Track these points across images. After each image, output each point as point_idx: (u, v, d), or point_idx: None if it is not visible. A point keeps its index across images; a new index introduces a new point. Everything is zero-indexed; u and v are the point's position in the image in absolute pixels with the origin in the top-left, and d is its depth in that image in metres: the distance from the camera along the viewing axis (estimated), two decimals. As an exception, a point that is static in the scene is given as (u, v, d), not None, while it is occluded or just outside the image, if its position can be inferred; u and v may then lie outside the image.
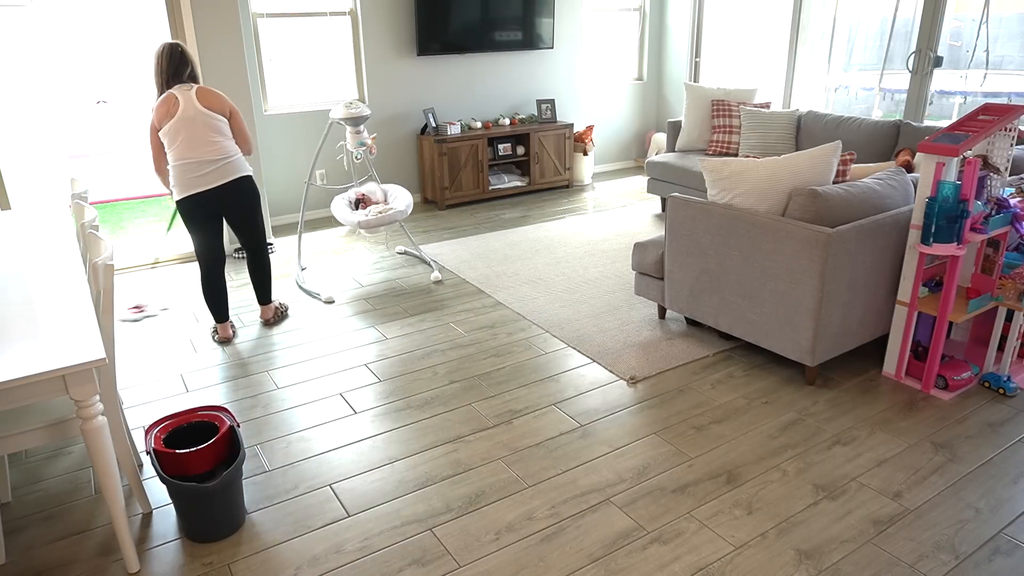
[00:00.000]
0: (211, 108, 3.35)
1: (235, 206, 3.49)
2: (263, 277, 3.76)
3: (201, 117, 3.31)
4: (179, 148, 3.31)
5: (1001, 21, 4.78)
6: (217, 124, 3.37)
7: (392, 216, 4.16)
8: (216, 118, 3.36)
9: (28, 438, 2.07)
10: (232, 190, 3.43)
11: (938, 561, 2.08)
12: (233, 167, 3.41)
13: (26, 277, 2.42)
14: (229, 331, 3.66)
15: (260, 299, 3.80)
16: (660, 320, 3.75)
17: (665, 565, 2.09)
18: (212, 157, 3.34)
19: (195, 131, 3.31)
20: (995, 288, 2.94)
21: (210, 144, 3.34)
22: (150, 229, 6.06)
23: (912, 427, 2.76)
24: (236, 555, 2.18)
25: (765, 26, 6.27)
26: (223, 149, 3.38)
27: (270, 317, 3.83)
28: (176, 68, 3.33)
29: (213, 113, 3.35)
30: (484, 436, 2.77)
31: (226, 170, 3.38)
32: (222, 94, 3.42)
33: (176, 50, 3.33)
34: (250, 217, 3.57)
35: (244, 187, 3.48)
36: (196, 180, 3.34)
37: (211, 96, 3.36)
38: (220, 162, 3.36)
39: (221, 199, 3.42)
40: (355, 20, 5.70)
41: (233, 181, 3.42)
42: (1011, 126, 2.81)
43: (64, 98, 10.60)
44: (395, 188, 4.57)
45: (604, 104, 7.23)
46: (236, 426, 2.35)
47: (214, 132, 3.35)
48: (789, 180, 3.00)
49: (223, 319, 3.65)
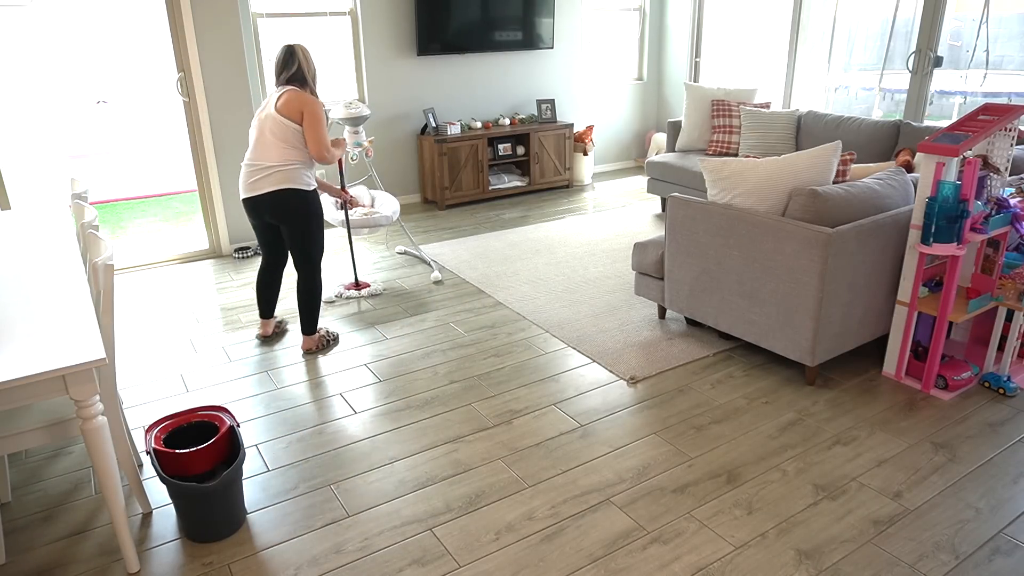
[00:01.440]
0: (284, 113, 3.13)
1: (278, 219, 3.27)
2: (305, 303, 3.41)
3: (269, 121, 3.16)
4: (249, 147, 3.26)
5: (1001, 21, 4.78)
6: (283, 130, 3.15)
7: (376, 219, 4.18)
8: (284, 123, 3.14)
9: (28, 438, 2.07)
10: (267, 203, 3.22)
11: (938, 561, 2.08)
12: (275, 179, 3.17)
13: (26, 277, 2.42)
14: (268, 329, 3.63)
15: (302, 327, 3.47)
16: (660, 320, 3.75)
17: (665, 565, 2.09)
18: (263, 164, 3.19)
19: (261, 134, 3.19)
20: (995, 288, 2.94)
21: (267, 149, 3.18)
22: (150, 229, 6.06)
23: (912, 427, 2.76)
24: (236, 555, 2.18)
25: (765, 26, 6.27)
26: (277, 157, 3.17)
27: (311, 347, 3.49)
28: (278, 70, 3.23)
29: (283, 118, 3.13)
30: (484, 436, 2.77)
31: (268, 181, 3.18)
32: (305, 97, 3.15)
33: (283, 53, 3.21)
34: (293, 234, 3.29)
35: (280, 201, 3.21)
36: (245, 185, 3.26)
37: (291, 101, 3.14)
38: (268, 170, 3.18)
39: (265, 210, 3.26)
40: (355, 20, 5.70)
41: (270, 193, 3.19)
42: (1011, 126, 2.81)
43: (64, 98, 10.60)
44: (383, 195, 4.58)
45: (604, 104, 7.23)
46: (236, 426, 2.35)
47: (277, 138, 3.16)
48: (789, 180, 3.00)
49: (265, 316, 3.62)
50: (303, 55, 3.23)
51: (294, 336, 3.69)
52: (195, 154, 4.80)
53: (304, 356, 3.47)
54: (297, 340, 3.64)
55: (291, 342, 3.61)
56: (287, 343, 3.61)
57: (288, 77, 3.21)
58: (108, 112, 10.96)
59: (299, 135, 3.17)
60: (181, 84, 4.64)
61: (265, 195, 3.21)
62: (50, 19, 10.01)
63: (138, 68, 10.89)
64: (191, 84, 4.62)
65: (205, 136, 4.75)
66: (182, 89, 4.65)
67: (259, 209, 3.28)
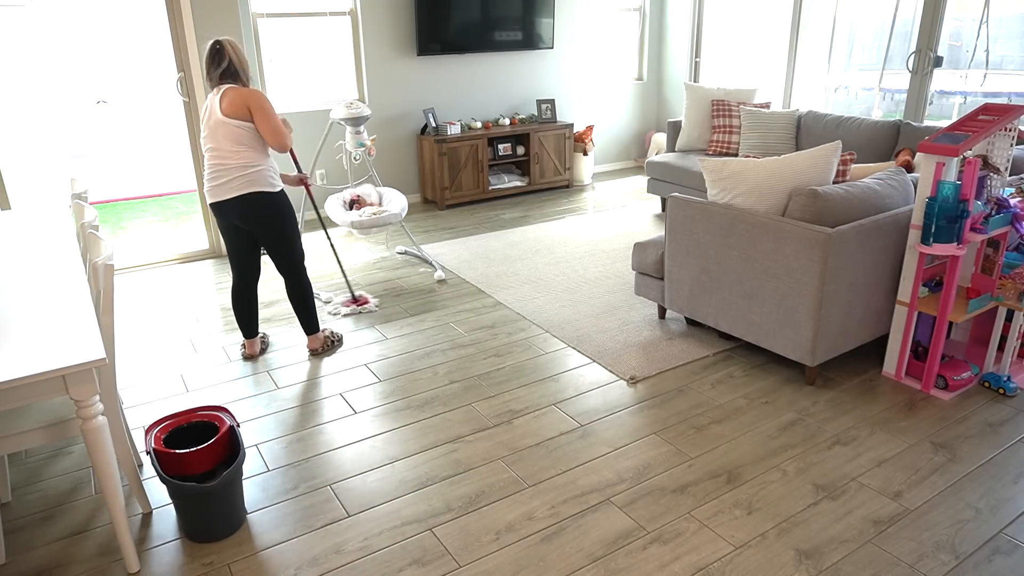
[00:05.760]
0: (231, 114, 3.00)
1: (249, 225, 3.17)
2: (300, 304, 3.39)
3: (221, 128, 3.03)
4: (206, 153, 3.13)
5: (1001, 21, 4.77)
6: (235, 133, 3.03)
7: (386, 218, 4.17)
8: (235, 125, 3.01)
9: (28, 438, 2.07)
10: (235, 207, 3.11)
11: (938, 561, 2.08)
12: (239, 183, 3.06)
13: (26, 277, 2.42)
14: (255, 348, 3.47)
15: (303, 328, 3.45)
16: (660, 320, 3.75)
17: (665, 565, 2.09)
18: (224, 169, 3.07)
19: (216, 143, 3.06)
20: (995, 288, 2.94)
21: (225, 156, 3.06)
22: (150, 229, 6.06)
23: (912, 427, 2.76)
24: (236, 555, 2.18)
25: (765, 26, 6.27)
26: (237, 161, 3.06)
27: (317, 348, 3.48)
28: (208, 68, 3.06)
29: (232, 120, 3.01)
30: (484, 436, 2.77)
31: (232, 185, 3.07)
32: (246, 91, 3.01)
33: (211, 49, 3.05)
34: (268, 238, 3.21)
35: (248, 206, 3.10)
36: (210, 191, 3.13)
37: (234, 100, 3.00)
38: (231, 175, 3.07)
39: (234, 215, 3.14)
40: (355, 20, 5.70)
41: (236, 199, 3.08)
42: (1011, 126, 2.81)
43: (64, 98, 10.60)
44: (390, 192, 4.57)
45: (604, 104, 7.23)
46: (236, 426, 2.35)
47: (232, 142, 3.04)
48: (789, 180, 3.00)
49: (249, 335, 3.45)
50: (232, 48, 3.05)
51: (294, 336, 3.68)
52: (195, 154, 4.79)
53: (310, 357, 3.46)
54: (297, 340, 3.63)
55: (291, 342, 3.61)
56: (287, 343, 3.60)
57: (220, 73, 3.04)
58: (108, 112, 10.96)
59: (253, 133, 3.05)
60: (181, 84, 4.64)
61: (232, 200, 3.09)
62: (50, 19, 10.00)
63: (138, 68, 10.88)
64: (191, 84, 4.62)
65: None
66: (182, 89, 4.65)
67: (227, 214, 3.14)
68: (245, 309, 3.40)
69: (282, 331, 3.75)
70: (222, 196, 3.10)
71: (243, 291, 3.38)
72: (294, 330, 3.76)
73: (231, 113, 3.00)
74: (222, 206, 3.13)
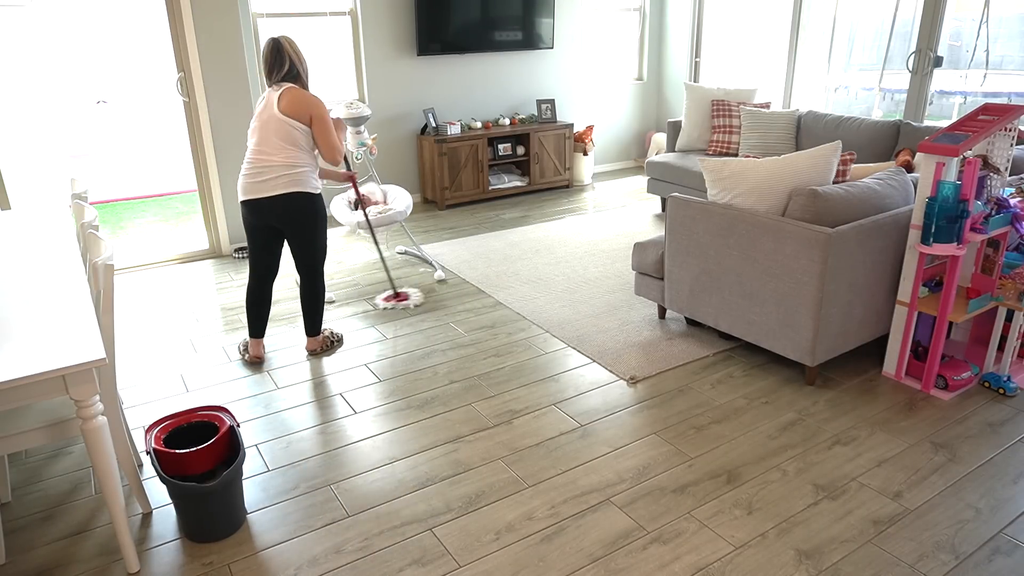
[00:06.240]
0: (290, 114, 3.04)
1: (284, 224, 3.19)
2: (310, 305, 3.41)
3: (273, 122, 3.06)
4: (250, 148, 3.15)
5: (1001, 21, 4.77)
6: (289, 132, 3.06)
7: (392, 217, 4.17)
8: (290, 124, 3.05)
9: (28, 438, 2.07)
10: (275, 206, 3.13)
11: (938, 561, 2.08)
12: (283, 182, 3.08)
13: (26, 277, 2.42)
14: (260, 350, 3.43)
15: (306, 329, 3.47)
16: (660, 320, 3.75)
17: (665, 565, 2.09)
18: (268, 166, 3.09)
19: (265, 136, 3.08)
20: (995, 288, 2.94)
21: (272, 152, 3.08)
22: (150, 229, 6.06)
23: (912, 427, 2.76)
24: (236, 555, 2.18)
25: (765, 26, 6.27)
26: (284, 159, 3.08)
27: (315, 349, 3.48)
28: (269, 69, 3.10)
29: (289, 119, 3.04)
30: (484, 436, 2.77)
31: (275, 183, 3.08)
32: (311, 98, 3.07)
33: (270, 49, 3.08)
34: (300, 239, 3.23)
35: (290, 205, 3.13)
36: (248, 187, 3.13)
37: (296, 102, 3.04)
38: (275, 173, 3.08)
39: (271, 214, 3.15)
40: (355, 20, 5.70)
41: (278, 197, 3.10)
42: (1011, 126, 2.81)
43: (64, 98, 10.60)
44: (395, 189, 4.58)
45: (604, 104, 7.23)
46: (236, 426, 2.35)
47: (282, 140, 3.06)
48: (789, 180, 3.00)
49: (256, 335, 3.42)
50: (292, 49, 3.09)
51: (294, 336, 3.69)
52: (195, 154, 4.79)
53: (308, 357, 3.46)
54: (298, 340, 3.64)
55: (291, 342, 3.61)
56: (286, 343, 3.60)
57: (282, 76, 3.09)
58: (108, 112, 10.96)
59: (306, 136, 3.10)
60: (181, 84, 4.64)
61: (272, 198, 3.11)
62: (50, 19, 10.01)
63: (138, 68, 10.88)
64: (191, 84, 4.62)
65: (205, 136, 4.75)
66: (182, 89, 4.65)
67: (263, 212, 3.15)
68: (259, 306, 3.41)
69: (282, 331, 3.75)
70: (260, 193, 3.11)
71: (260, 287, 3.39)
72: (294, 330, 3.76)
73: (290, 113, 3.04)
74: (258, 204, 3.14)
